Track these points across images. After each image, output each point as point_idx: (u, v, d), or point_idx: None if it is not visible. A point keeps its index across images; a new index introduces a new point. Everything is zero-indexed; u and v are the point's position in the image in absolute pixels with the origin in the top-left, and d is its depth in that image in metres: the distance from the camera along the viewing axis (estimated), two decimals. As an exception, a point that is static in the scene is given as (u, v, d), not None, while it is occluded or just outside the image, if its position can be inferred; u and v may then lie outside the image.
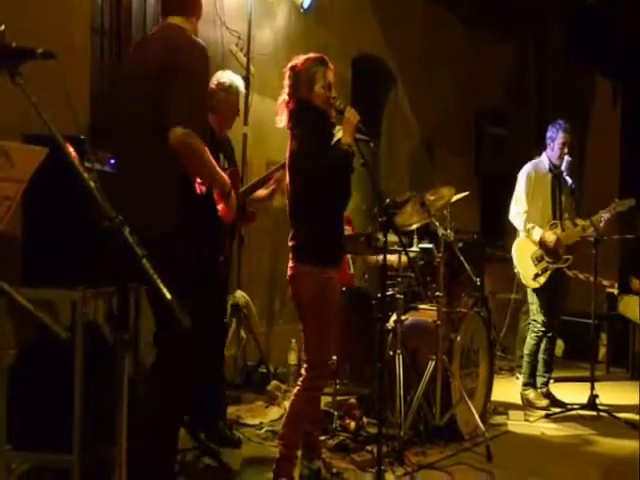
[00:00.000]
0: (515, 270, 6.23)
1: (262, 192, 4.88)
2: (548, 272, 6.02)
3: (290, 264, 3.89)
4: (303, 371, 3.92)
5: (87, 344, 3.58)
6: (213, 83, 4.70)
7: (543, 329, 6.14)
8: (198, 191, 3.26)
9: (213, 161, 3.16)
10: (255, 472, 4.18)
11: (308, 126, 3.84)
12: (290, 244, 3.90)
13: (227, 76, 4.75)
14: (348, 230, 5.49)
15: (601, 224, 5.95)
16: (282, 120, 3.93)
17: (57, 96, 2.41)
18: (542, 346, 6.19)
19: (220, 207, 3.55)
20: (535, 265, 6.04)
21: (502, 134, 10.31)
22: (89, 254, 3.59)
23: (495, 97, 10.17)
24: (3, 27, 1.99)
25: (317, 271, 3.81)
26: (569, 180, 6.20)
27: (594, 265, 6.01)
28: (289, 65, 3.95)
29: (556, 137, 6.16)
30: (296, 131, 3.87)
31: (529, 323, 6.33)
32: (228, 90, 4.68)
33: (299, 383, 3.93)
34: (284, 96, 3.93)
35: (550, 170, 6.19)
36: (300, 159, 3.83)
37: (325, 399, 4.82)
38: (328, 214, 3.89)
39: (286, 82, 3.93)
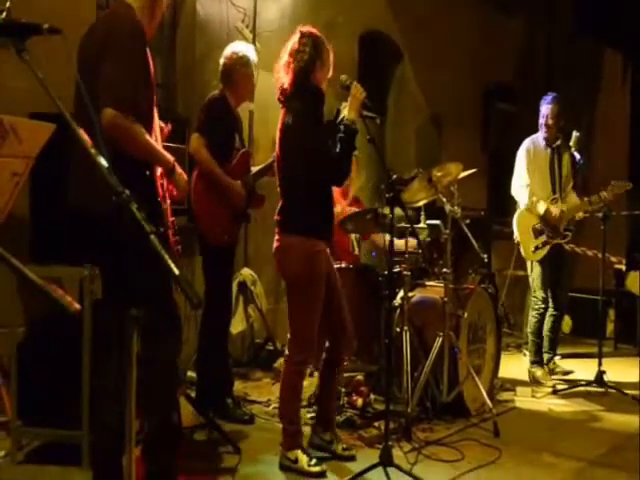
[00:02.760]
0: (515, 241, 6.22)
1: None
2: (547, 246, 6.00)
3: (276, 237, 3.90)
4: (287, 344, 3.95)
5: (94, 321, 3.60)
6: (229, 58, 4.63)
7: (544, 305, 6.13)
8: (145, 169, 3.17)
9: (149, 140, 3.07)
10: (263, 448, 4.20)
11: (304, 100, 3.82)
12: (276, 218, 3.91)
13: (242, 48, 4.69)
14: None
15: (600, 204, 5.91)
16: (286, 81, 3.87)
17: (64, 73, 2.40)
18: (548, 324, 6.19)
19: (167, 183, 3.45)
20: (535, 238, 6.03)
21: (510, 110, 10.25)
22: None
23: (503, 73, 10.10)
24: (9, 3, 1.98)
25: (304, 242, 3.82)
26: (577, 155, 6.16)
27: (602, 241, 5.99)
28: (304, 30, 3.89)
29: (541, 109, 6.14)
30: (290, 104, 3.85)
31: (535, 299, 6.32)
32: (247, 63, 4.64)
33: (286, 358, 3.96)
34: (288, 58, 3.86)
35: (547, 145, 6.16)
36: (294, 134, 3.82)
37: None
38: (319, 186, 3.89)
39: (299, 47, 3.84)
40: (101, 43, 3.01)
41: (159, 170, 3.22)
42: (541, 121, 6.14)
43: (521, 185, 6.10)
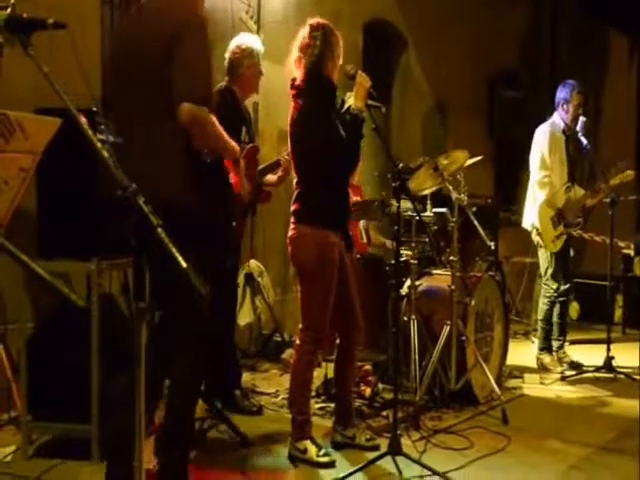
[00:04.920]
0: (535, 234, 6.16)
1: (271, 178, 4.86)
2: (564, 237, 6.00)
3: (291, 226, 3.91)
4: (298, 334, 3.96)
5: (103, 315, 3.61)
6: (234, 52, 4.63)
7: (556, 294, 6.12)
8: (207, 160, 3.20)
9: (222, 130, 3.12)
10: (272, 439, 4.22)
11: (316, 94, 3.81)
12: (292, 207, 3.92)
13: (245, 40, 4.69)
14: (357, 199, 5.47)
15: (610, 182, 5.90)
16: (298, 76, 3.85)
17: (68, 68, 2.40)
18: (555, 310, 6.19)
19: (232, 175, 3.50)
20: (554, 229, 6.01)
21: (516, 97, 10.20)
22: (104, 225, 3.61)
23: (508, 59, 10.06)
24: (13, -1, 1.98)
25: (317, 233, 3.83)
26: (584, 141, 6.13)
27: (610, 226, 5.98)
28: (315, 23, 3.84)
29: (570, 98, 6.05)
30: (302, 98, 3.84)
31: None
32: (252, 54, 4.62)
33: (296, 348, 3.97)
34: (299, 53, 3.84)
35: (564, 132, 6.13)
36: (305, 129, 3.82)
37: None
38: (334, 178, 3.90)
39: (309, 41, 3.80)
40: (167, 37, 2.97)
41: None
42: (571, 109, 6.04)
43: (541, 179, 6.01)
